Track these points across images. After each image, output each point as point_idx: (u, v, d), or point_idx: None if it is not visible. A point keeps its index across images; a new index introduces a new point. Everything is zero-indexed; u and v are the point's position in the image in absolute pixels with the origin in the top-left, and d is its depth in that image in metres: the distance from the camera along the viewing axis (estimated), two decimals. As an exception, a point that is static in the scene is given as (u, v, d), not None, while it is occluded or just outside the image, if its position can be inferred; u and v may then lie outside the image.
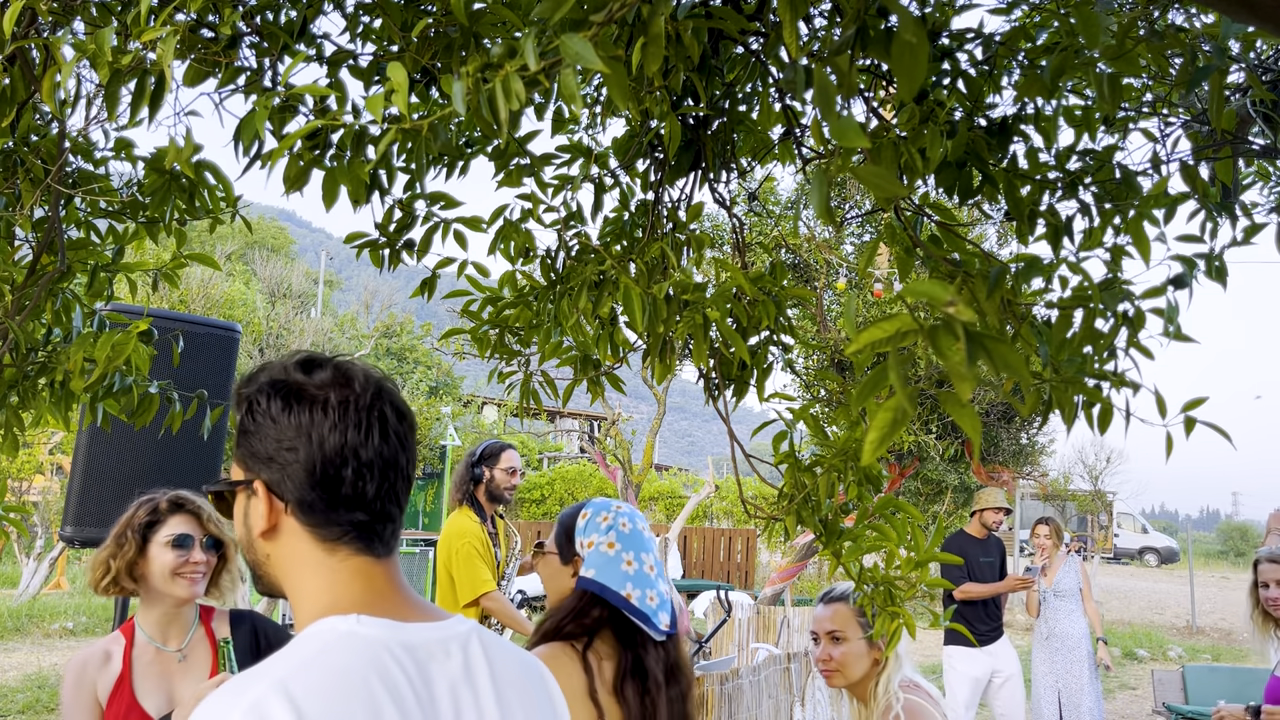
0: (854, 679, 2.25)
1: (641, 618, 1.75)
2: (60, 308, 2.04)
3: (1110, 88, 1.44)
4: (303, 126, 1.27)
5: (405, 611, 1.03)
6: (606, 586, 1.76)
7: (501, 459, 4.08)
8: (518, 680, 1.08)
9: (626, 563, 1.79)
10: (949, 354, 0.79)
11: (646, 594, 1.77)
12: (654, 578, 1.81)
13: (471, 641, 1.05)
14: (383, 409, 1.03)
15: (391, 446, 1.03)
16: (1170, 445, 1.44)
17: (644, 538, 1.85)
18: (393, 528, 1.05)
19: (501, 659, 1.07)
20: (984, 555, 6.15)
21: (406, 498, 1.07)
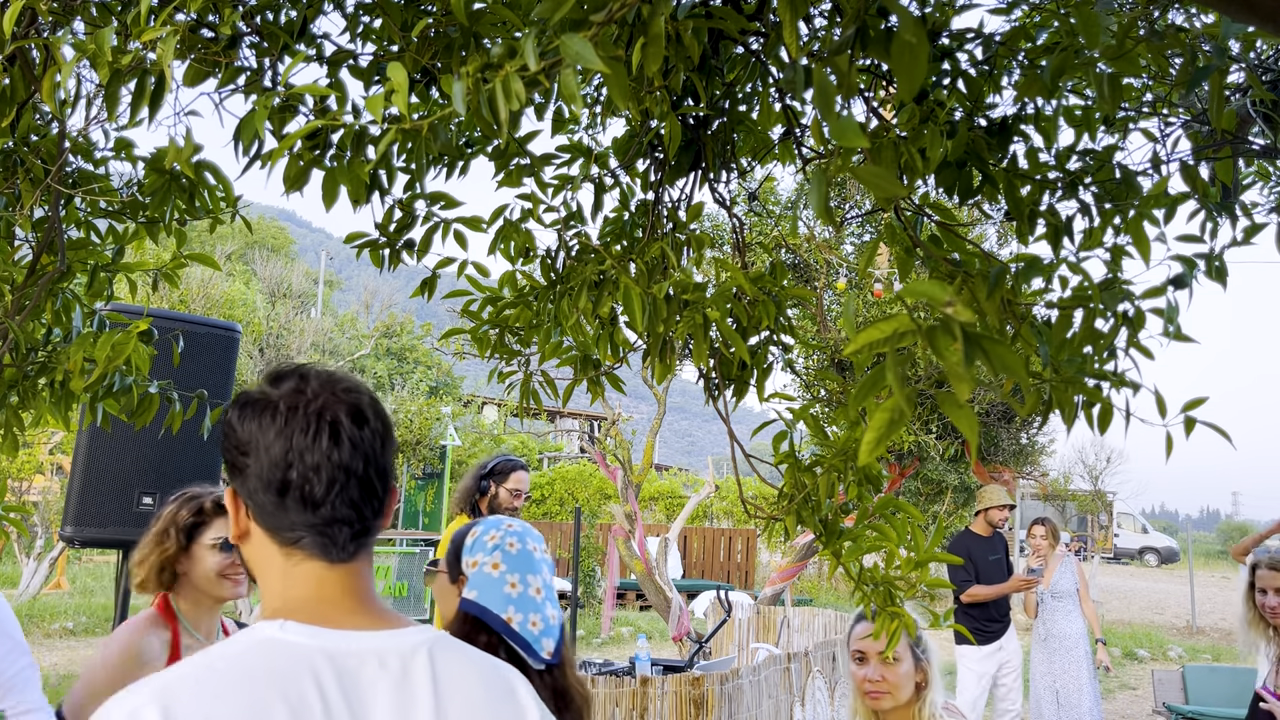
0: (902, 701, 2.20)
1: (522, 644, 1.69)
2: (60, 308, 2.04)
3: (1110, 88, 1.44)
4: (303, 126, 1.27)
5: (353, 619, 1.02)
6: (487, 609, 1.70)
7: (510, 478, 4.09)
8: (472, 694, 1.03)
9: (510, 585, 1.72)
10: (947, 354, 0.79)
11: (529, 618, 1.70)
12: (541, 601, 1.73)
13: (419, 653, 1.02)
14: (336, 414, 1.04)
15: (344, 451, 1.03)
16: (1170, 445, 1.44)
17: (534, 559, 1.78)
18: (351, 532, 1.04)
19: (455, 672, 1.03)
20: (992, 553, 6.18)
21: (371, 503, 1.05)
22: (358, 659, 0.99)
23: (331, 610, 1.02)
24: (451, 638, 1.08)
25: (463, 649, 1.08)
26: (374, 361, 26.00)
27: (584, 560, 14.19)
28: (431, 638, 1.05)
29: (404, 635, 1.04)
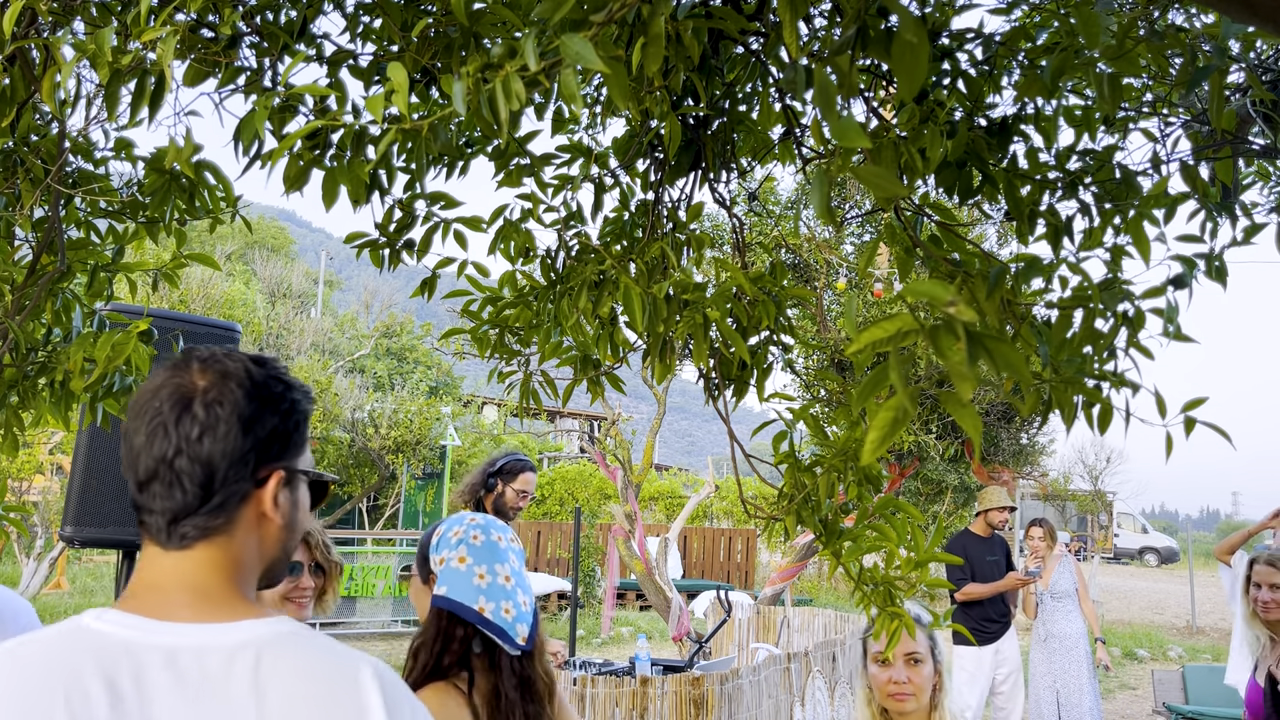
0: (924, 704, 2.19)
1: (497, 632, 1.71)
2: (60, 308, 2.04)
3: (1110, 88, 1.44)
4: (303, 126, 1.27)
5: (181, 610, 1.00)
6: (458, 603, 1.72)
7: (519, 479, 4.08)
8: (297, 693, 0.97)
9: (479, 576, 1.75)
10: (950, 354, 0.79)
11: (501, 606, 1.73)
12: (511, 588, 1.76)
13: (245, 650, 0.98)
14: (159, 401, 1.04)
15: (152, 436, 1.03)
16: (1170, 445, 1.44)
17: (498, 548, 1.80)
18: (161, 520, 1.03)
19: (282, 670, 0.98)
20: (990, 554, 6.18)
21: (175, 487, 1.02)
22: (168, 654, 0.96)
23: (158, 600, 1.01)
24: (302, 633, 1.03)
25: (305, 645, 1.01)
26: (374, 361, 26.01)
27: (584, 560, 14.19)
28: (269, 634, 1.01)
29: (236, 630, 1.00)
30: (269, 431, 1.07)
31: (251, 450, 1.05)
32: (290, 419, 1.10)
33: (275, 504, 1.08)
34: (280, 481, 1.08)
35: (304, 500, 1.14)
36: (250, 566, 1.08)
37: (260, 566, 1.10)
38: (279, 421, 1.08)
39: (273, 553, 1.11)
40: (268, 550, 1.10)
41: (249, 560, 1.08)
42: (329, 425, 15.66)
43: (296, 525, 1.13)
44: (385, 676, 1.02)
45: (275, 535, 1.10)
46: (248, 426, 1.05)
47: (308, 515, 1.16)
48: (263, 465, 1.07)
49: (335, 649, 1.03)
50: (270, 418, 1.07)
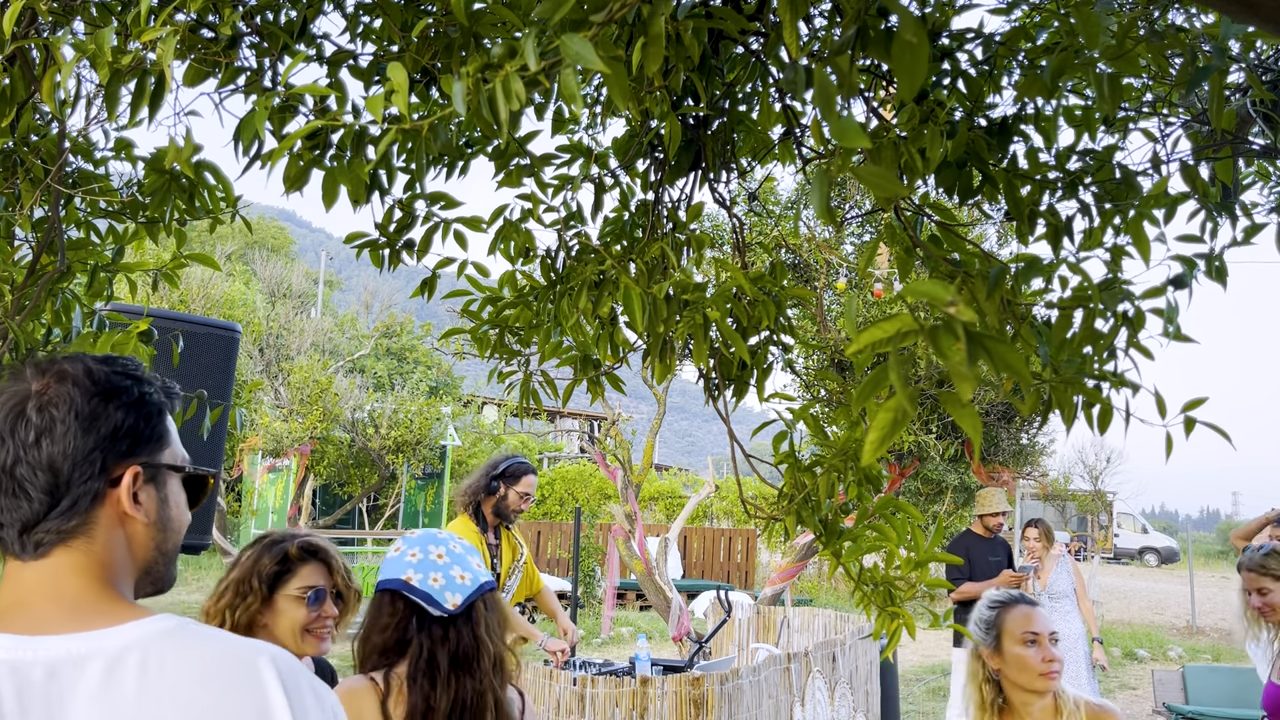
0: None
1: (423, 597, 1.78)
2: (60, 308, 2.04)
3: (1110, 88, 1.44)
4: (303, 126, 1.27)
5: (49, 623, 0.96)
6: (387, 578, 1.82)
7: (521, 482, 4.09)
8: (188, 691, 0.93)
9: (410, 555, 1.84)
10: (950, 354, 0.79)
11: (430, 576, 1.81)
12: (444, 564, 1.83)
13: (130, 652, 0.94)
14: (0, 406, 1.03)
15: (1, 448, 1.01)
16: (1170, 445, 1.44)
17: (436, 536, 1.90)
18: (13, 532, 0.99)
19: (171, 667, 0.94)
20: (991, 555, 6.19)
21: (20, 496, 0.99)
22: (47, 669, 0.92)
23: (23, 615, 0.97)
24: (190, 628, 0.98)
25: (194, 640, 0.97)
26: (374, 361, 26.01)
27: (584, 560, 14.19)
28: (152, 633, 0.96)
29: (116, 634, 0.96)
30: (114, 428, 1.02)
31: (96, 448, 1.01)
32: (141, 412, 1.05)
33: (135, 501, 1.03)
34: (137, 478, 1.03)
35: (175, 496, 1.09)
36: (120, 568, 1.03)
37: (134, 568, 1.05)
38: (126, 416, 1.04)
39: (145, 554, 1.06)
40: (139, 551, 1.05)
41: (117, 562, 1.03)
42: (329, 425, 15.66)
43: (169, 523, 1.08)
44: (283, 664, 0.97)
45: (143, 534, 1.05)
46: (88, 425, 1.01)
47: (183, 512, 1.10)
48: (114, 463, 1.02)
49: (228, 640, 0.98)
50: (115, 413, 1.03)
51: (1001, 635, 2.39)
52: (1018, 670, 2.35)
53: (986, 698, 2.39)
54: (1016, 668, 2.36)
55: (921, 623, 2.22)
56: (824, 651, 5.21)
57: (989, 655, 2.40)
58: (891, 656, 6.62)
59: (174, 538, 1.09)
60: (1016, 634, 2.38)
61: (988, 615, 2.44)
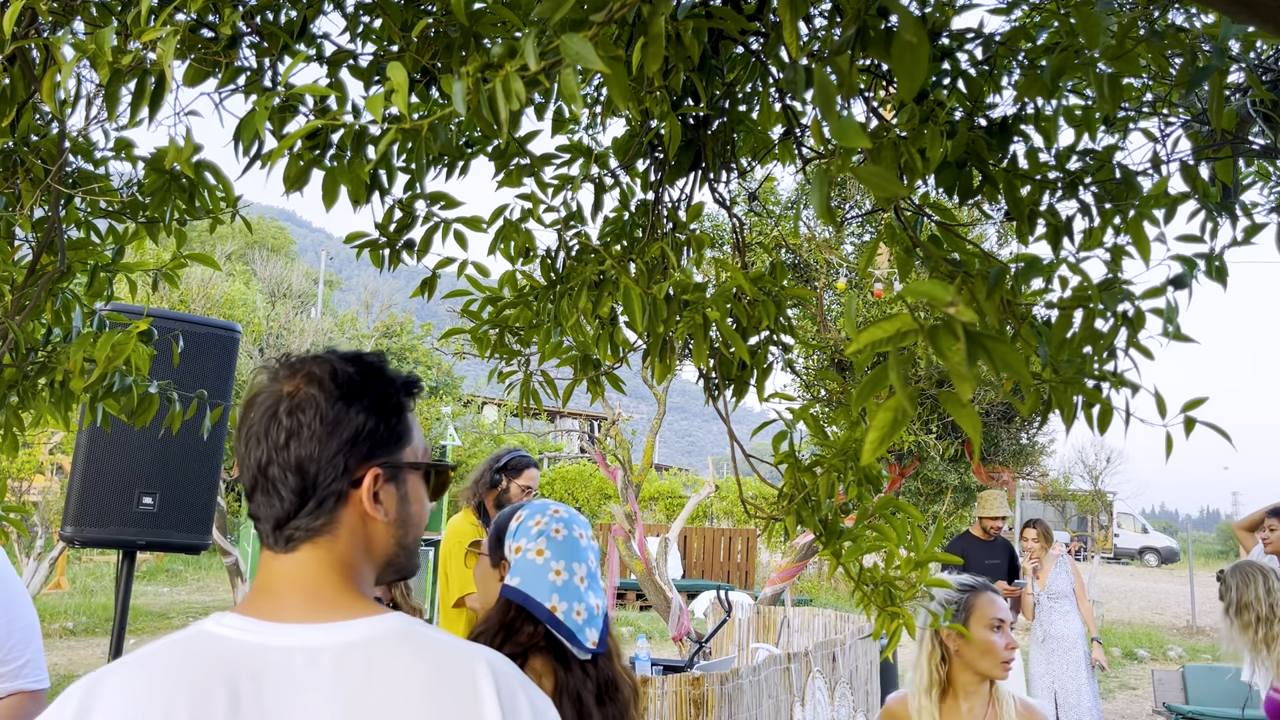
0: None
1: (566, 634, 1.64)
2: (60, 308, 2.04)
3: (1110, 88, 1.44)
4: (303, 126, 1.27)
5: (292, 611, 1.02)
6: (530, 597, 1.66)
7: (523, 475, 4.10)
8: (410, 694, 0.97)
9: (555, 572, 1.68)
10: (949, 354, 0.79)
11: (574, 607, 1.66)
12: (584, 590, 1.69)
13: (356, 650, 0.99)
14: (253, 411, 1.08)
15: (246, 444, 1.07)
16: (1170, 445, 1.44)
17: (579, 546, 1.73)
18: (268, 526, 1.06)
19: (395, 670, 0.98)
20: (989, 557, 6.20)
21: (281, 499, 1.05)
22: (284, 654, 0.98)
23: (272, 602, 1.03)
24: (416, 629, 1.03)
25: (417, 642, 1.01)
26: (374, 361, 25.95)
27: (584, 560, 14.16)
28: (381, 632, 1.01)
29: (349, 629, 1.01)
30: (355, 431, 1.07)
31: (339, 452, 1.06)
32: (380, 414, 1.10)
33: (375, 502, 1.08)
34: (377, 479, 1.08)
35: (415, 492, 1.14)
36: (360, 565, 1.08)
37: (374, 564, 1.10)
38: (367, 419, 1.08)
39: (386, 549, 1.11)
40: (379, 547, 1.10)
41: (357, 559, 1.08)
42: (329, 425, 15.66)
43: (409, 519, 1.12)
44: (501, 671, 1.01)
45: (383, 532, 1.10)
46: (332, 429, 1.06)
47: (423, 506, 1.15)
48: (356, 465, 1.07)
49: (449, 645, 1.02)
50: (356, 416, 1.08)
51: (970, 619, 2.42)
52: (981, 654, 2.38)
53: (936, 677, 2.41)
54: (980, 651, 2.38)
55: (921, 623, 2.23)
56: (824, 651, 5.21)
57: (953, 636, 2.42)
58: (891, 656, 6.61)
59: (415, 531, 1.14)
60: (986, 618, 2.41)
61: (957, 597, 2.47)
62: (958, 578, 2.55)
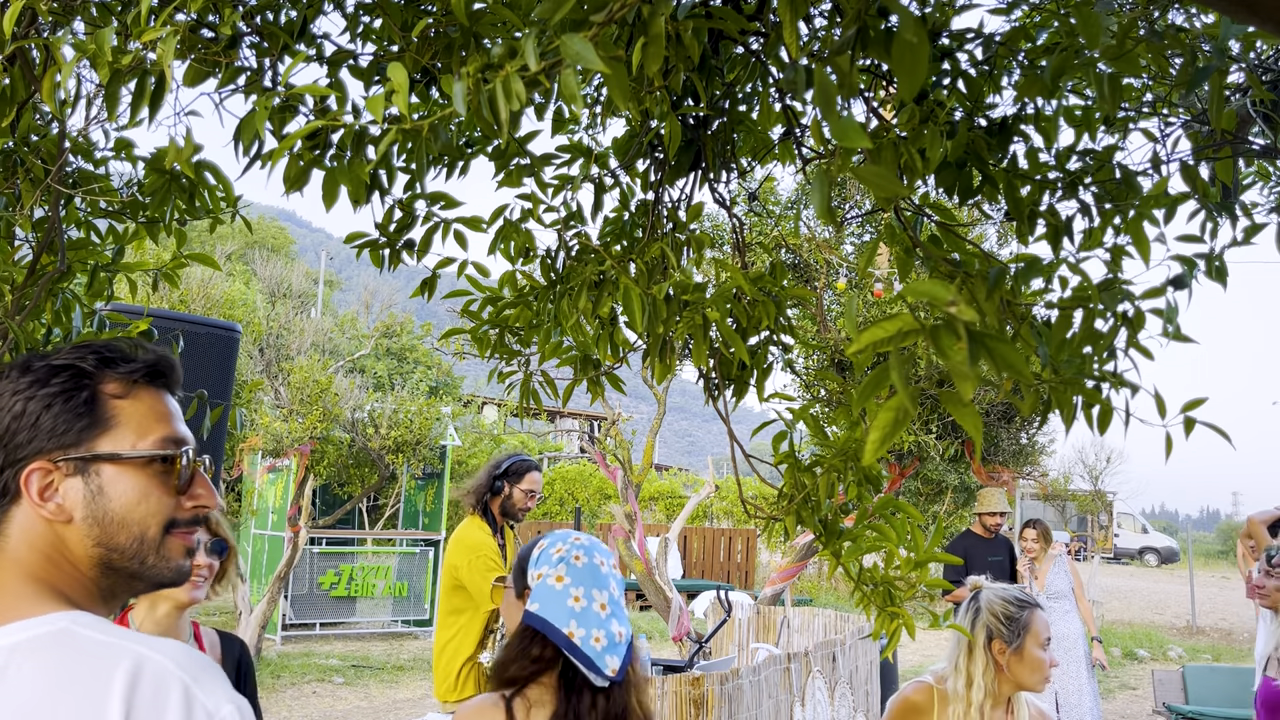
0: None
1: (584, 660, 1.64)
2: (60, 308, 2.04)
3: (1110, 88, 1.44)
4: (303, 126, 1.27)
5: None
6: (548, 623, 1.66)
7: (525, 479, 4.08)
8: (24, 701, 0.89)
9: (574, 599, 1.68)
10: (951, 354, 0.79)
11: (592, 634, 1.65)
12: (605, 617, 1.68)
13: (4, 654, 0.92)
14: None
15: None
16: (1170, 445, 1.44)
17: (600, 573, 1.73)
18: None
19: (25, 676, 0.90)
20: (991, 555, 6.20)
21: None
22: None
23: None
24: (73, 631, 0.93)
25: (67, 644, 0.92)
26: (374, 361, 26.00)
27: (584, 560, 14.15)
28: (30, 637, 0.93)
29: (3, 634, 0.93)
30: (15, 422, 1.00)
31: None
32: (58, 402, 1.01)
33: (42, 499, 0.99)
34: (47, 474, 0.99)
35: (118, 487, 1.01)
36: (42, 568, 0.99)
37: (76, 567, 1.00)
38: (34, 409, 1.01)
39: (86, 552, 1.00)
40: (74, 550, 1.00)
41: (34, 561, 0.99)
42: (329, 425, 15.65)
43: (108, 517, 1.01)
44: (152, 673, 0.90)
45: (73, 533, 1.00)
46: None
47: (140, 503, 1.02)
48: (20, 460, 1.00)
49: (97, 647, 0.92)
50: (20, 405, 1.01)
51: (1026, 635, 2.45)
52: (1030, 670, 2.42)
53: (991, 689, 2.43)
54: (1031, 668, 2.43)
55: (921, 623, 2.23)
56: (824, 651, 5.21)
57: (1006, 651, 2.44)
58: (891, 656, 6.62)
59: (125, 530, 1.02)
60: (1039, 636, 2.46)
61: (1016, 614, 2.48)
62: (1011, 591, 2.55)
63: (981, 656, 2.46)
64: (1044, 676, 2.42)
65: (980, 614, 2.51)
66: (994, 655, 2.45)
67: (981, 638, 2.47)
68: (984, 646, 2.46)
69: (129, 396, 1.05)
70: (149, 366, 1.07)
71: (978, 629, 2.48)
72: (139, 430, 1.04)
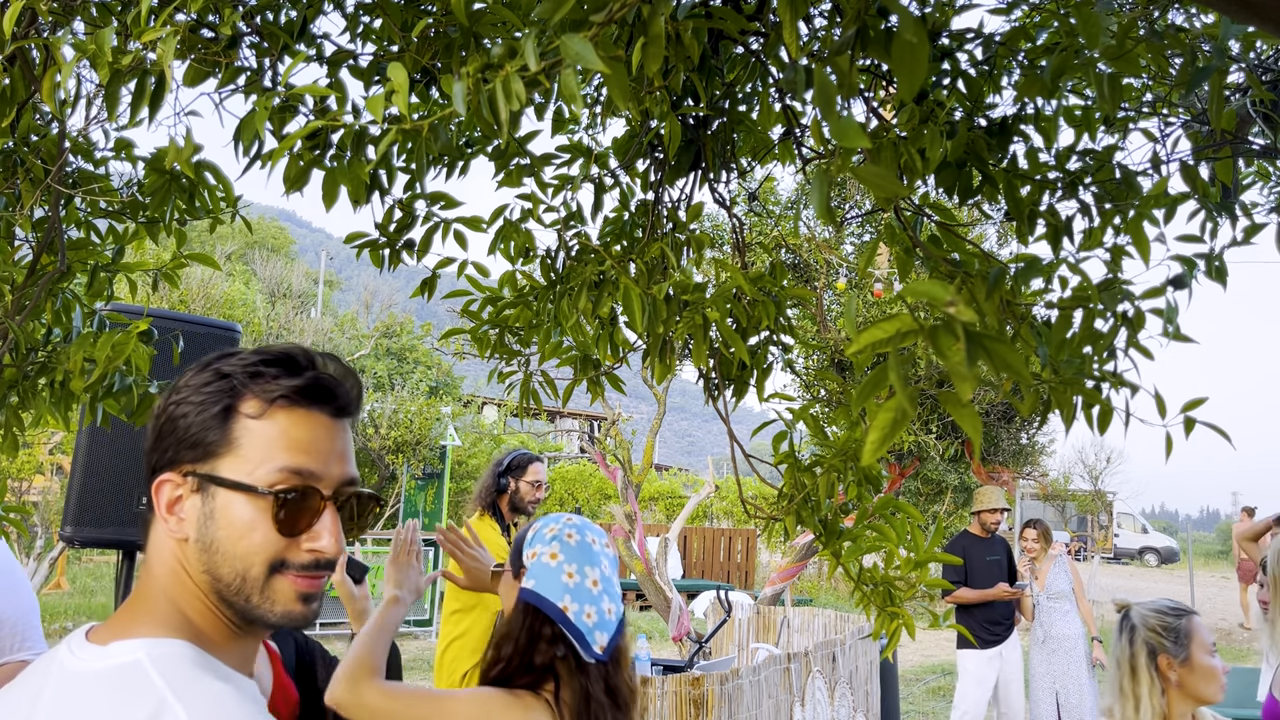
0: None
1: (576, 635, 1.69)
2: (60, 308, 2.04)
3: (1110, 88, 1.44)
4: (303, 126, 1.27)
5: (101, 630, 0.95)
6: (543, 597, 1.70)
7: (528, 471, 4.09)
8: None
9: (567, 575, 1.73)
10: (949, 354, 0.79)
11: (584, 609, 1.70)
12: (597, 594, 1.74)
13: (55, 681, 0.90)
14: None
15: None
16: (1170, 445, 1.44)
17: (592, 551, 1.78)
18: None
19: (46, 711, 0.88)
20: (989, 554, 6.20)
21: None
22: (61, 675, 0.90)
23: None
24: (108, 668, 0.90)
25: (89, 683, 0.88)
26: (374, 361, 26.00)
27: (584, 560, 14.16)
28: (86, 668, 0.90)
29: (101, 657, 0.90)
30: (161, 430, 0.97)
31: (150, 451, 0.97)
32: (197, 414, 0.96)
33: (167, 513, 0.95)
34: (174, 487, 0.95)
35: (227, 515, 0.94)
36: (170, 585, 0.95)
37: (200, 590, 0.95)
38: (180, 418, 0.96)
39: (198, 577, 0.95)
40: (192, 572, 0.95)
41: (164, 578, 0.95)
42: (329, 425, 15.65)
43: (214, 545, 0.94)
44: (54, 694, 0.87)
45: (190, 554, 0.95)
46: (152, 426, 0.99)
47: (246, 536, 0.94)
48: (153, 474, 0.96)
49: (142, 685, 0.87)
50: (173, 411, 0.97)
51: (1192, 644, 2.29)
52: (1204, 681, 2.26)
53: (1158, 708, 2.26)
54: (1204, 678, 2.26)
55: (921, 623, 2.22)
56: (824, 651, 5.21)
57: (1175, 665, 2.28)
58: (891, 656, 6.62)
59: (231, 564, 0.94)
60: (1205, 643, 2.29)
61: (1175, 623, 2.32)
62: (1163, 602, 2.39)
63: (1146, 676, 2.28)
64: (1220, 685, 2.23)
65: (1136, 632, 2.33)
66: (1161, 672, 2.27)
67: (1143, 656, 2.30)
68: (1147, 665, 2.29)
69: (263, 417, 0.96)
70: (297, 386, 0.97)
71: (1137, 648, 2.31)
72: (261, 456, 0.95)
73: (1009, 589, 6.04)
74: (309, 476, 0.96)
